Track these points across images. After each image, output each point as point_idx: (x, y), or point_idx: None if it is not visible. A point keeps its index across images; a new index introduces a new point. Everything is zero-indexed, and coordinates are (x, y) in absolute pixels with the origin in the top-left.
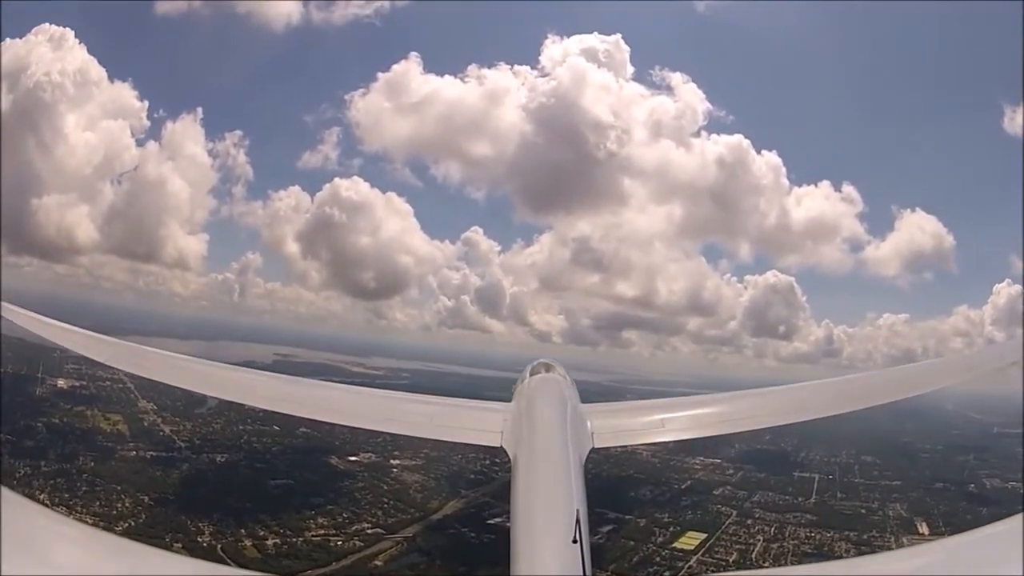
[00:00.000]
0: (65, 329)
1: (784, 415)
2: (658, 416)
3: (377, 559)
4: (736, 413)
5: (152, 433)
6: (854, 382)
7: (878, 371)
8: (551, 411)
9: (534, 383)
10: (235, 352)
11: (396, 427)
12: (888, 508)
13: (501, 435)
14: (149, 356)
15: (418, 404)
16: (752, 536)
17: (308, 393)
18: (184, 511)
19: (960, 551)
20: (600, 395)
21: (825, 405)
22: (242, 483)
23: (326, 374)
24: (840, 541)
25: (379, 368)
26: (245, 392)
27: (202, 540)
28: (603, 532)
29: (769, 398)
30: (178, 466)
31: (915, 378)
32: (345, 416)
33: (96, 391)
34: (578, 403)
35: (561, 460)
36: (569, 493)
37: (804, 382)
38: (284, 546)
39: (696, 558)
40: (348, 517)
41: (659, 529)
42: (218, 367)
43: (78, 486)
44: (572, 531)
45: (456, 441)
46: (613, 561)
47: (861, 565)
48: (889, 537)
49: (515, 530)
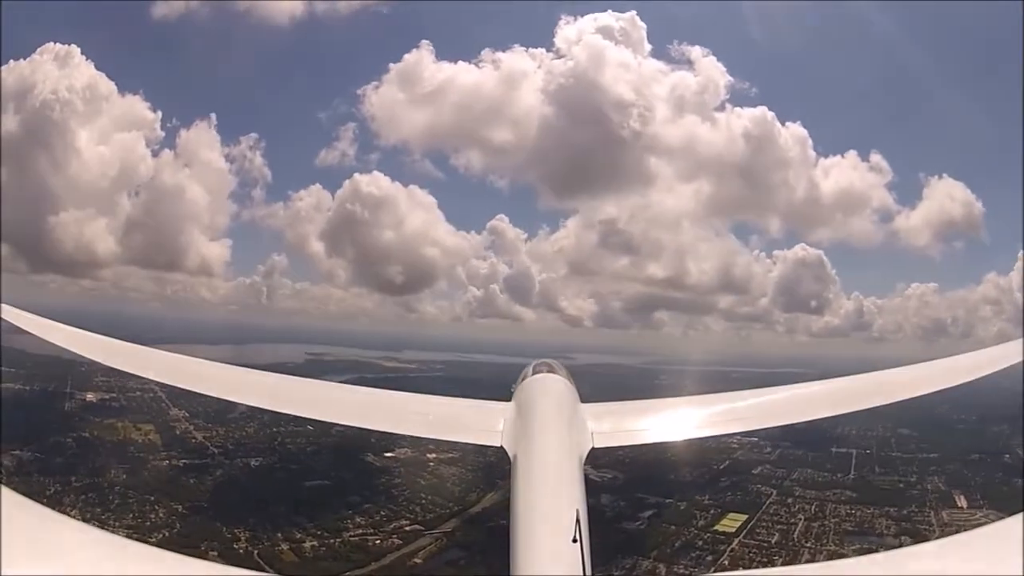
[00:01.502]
0: (65, 330)
1: (784, 415)
2: (658, 416)
3: (417, 556)
4: (736, 413)
5: (184, 441)
6: (854, 383)
7: (878, 372)
8: (551, 411)
9: (534, 383)
10: (266, 354)
11: (396, 427)
12: (927, 482)
13: (501, 435)
14: (149, 356)
15: (418, 404)
16: (793, 515)
17: (308, 393)
18: (219, 518)
19: (960, 551)
20: (634, 377)
21: (825, 406)
22: (277, 486)
23: (359, 371)
24: (880, 518)
25: (412, 361)
26: (245, 392)
27: (238, 547)
28: (643, 517)
29: (769, 398)
30: (212, 472)
31: (915, 379)
32: (345, 416)
33: (126, 402)
34: (578, 403)
35: (561, 460)
36: (569, 493)
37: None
38: (322, 548)
39: (738, 540)
40: (386, 515)
41: (700, 512)
42: (219, 367)
43: (110, 499)
44: (572, 531)
45: (456, 441)
46: (655, 548)
47: (861, 565)
48: (929, 512)
49: (515, 530)
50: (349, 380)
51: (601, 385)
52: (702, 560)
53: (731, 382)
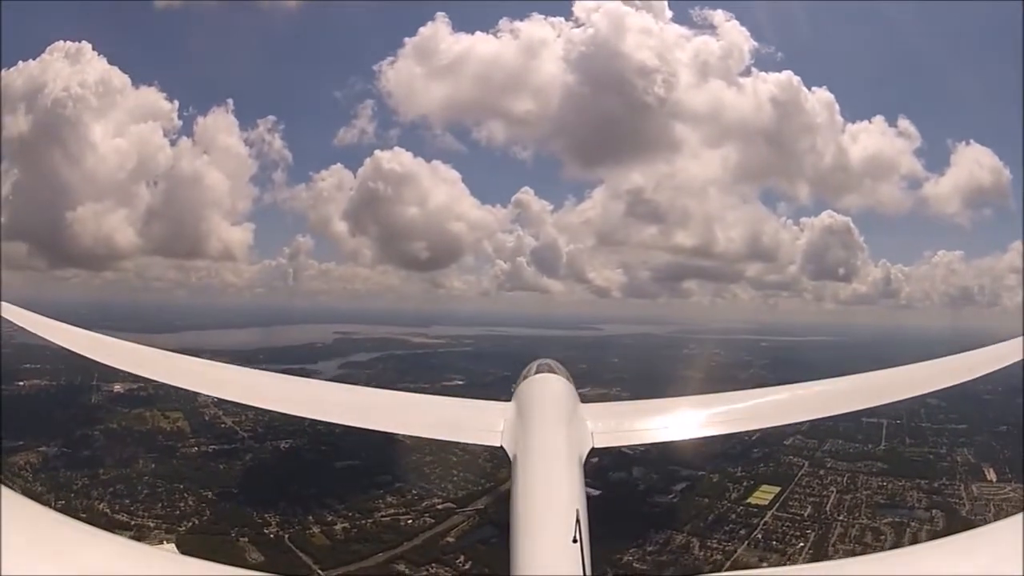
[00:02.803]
0: (65, 329)
1: (785, 415)
2: (658, 416)
3: (449, 535)
4: (737, 413)
5: (214, 426)
6: (854, 382)
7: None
8: (551, 411)
9: (534, 383)
10: (293, 335)
11: (396, 427)
12: (956, 454)
13: (501, 435)
14: (149, 356)
15: (418, 404)
16: (825, 488)
17: (308, 392)
18: (249, 503)
19: (960, 551)
20: (663, 347)
21: (826, 405)
22: (307, 468)
23: (388, 348)
24: (912, 490)
25: (441, 337)
26: (246, 392)
27: (268, 532)
28: (676, 491)
29: (770, 398)
30: (241, 457)
31: (916, 379)
32: (345, 416)
33: (154, 391)
34: (578, 403)
35: (561, 460)
36: (569, 493)
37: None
38: (353, 530)
39: (771, 514)
40: (418, 494)
41: (732, 484)
42: (219, 367)
43: (139, 490)
44: (572, 531)
45: (456, 441)
46: (688, 522)
47: (861, 565)
48: (959, 485)
49: (515, 530)
50: (378, 357)
51: (630, 356)
52: (735, 534)
53: (760, 351)
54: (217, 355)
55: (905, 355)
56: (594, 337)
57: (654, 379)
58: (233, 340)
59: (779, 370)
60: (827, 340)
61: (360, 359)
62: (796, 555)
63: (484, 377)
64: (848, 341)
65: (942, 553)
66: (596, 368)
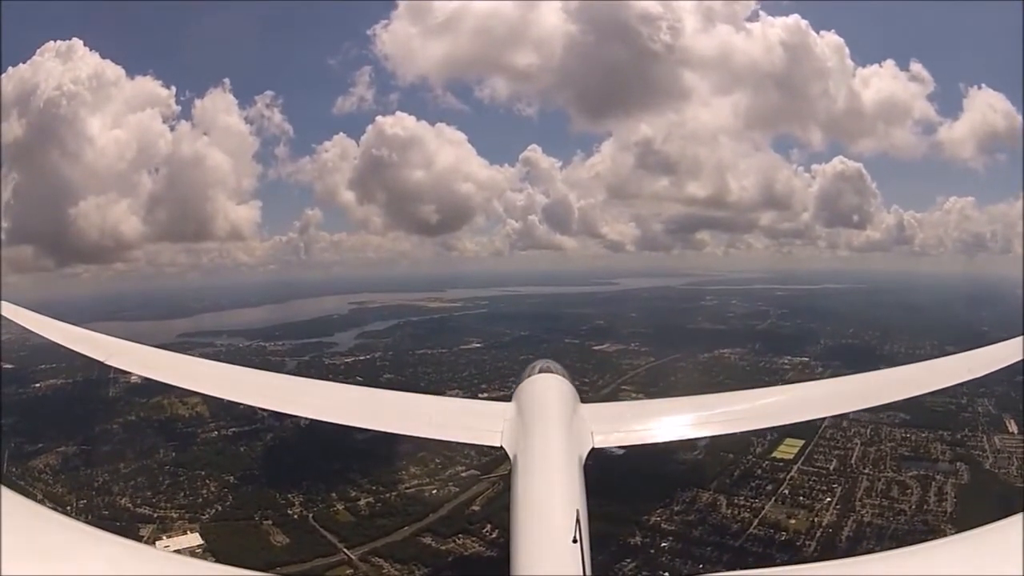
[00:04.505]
0: (65, 329)
1: (785, 415)
2: (658, 416)
3: (475, 503)
4: (736, 413)
5: (232, 408)
6: (854, 382)
7: (878, 371)
8: (551, 411)
9: (534, 383)
10: (309, 308)
11: (397, 426)
12: (977, 404)
13: (501, 435)
14: (149, 355)
15: (419, 404)
16: (849, 440)
17: (309, 392)
18: (272, 484)
19: (960, 551)
20: (679, 299)
21: (826, 405)
22: (329, 444)
23: (403, 315)
24: (935, 442)
25: (456, 300)
26: (246, 392)
27: (292, 512)
28: (701, 447)
29: (769, 398)
30: (262, 437)
31: (915, 379)
32: (346, 416)
33: None
34: (578, 403)
35: (561, 460)
36: (569, 493)
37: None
38: (378, 504)
39: (796, 468)
40: (441, 462)
41: (757, 439)
42: (220, 367)
43: (160, 480)
44: (572, 531)
45: (456, 441)
46: (714, 478)
47: (861, 565)
48: (981, 437)
49: (515, 530)
50: (395, 325)
51: (647, 310)
52: (762, 490)
53: (776, 300)
54: (234, 335)
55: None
56: (610, 292)
57: (672, 333)
58: (249, 318)
59: (797, 318)
60: (844, 287)
61: (377, 327)
62: (823, 511)
63: (501, 338)
64: (866, 287)
65: (942, 553)
66: (614, 324)
